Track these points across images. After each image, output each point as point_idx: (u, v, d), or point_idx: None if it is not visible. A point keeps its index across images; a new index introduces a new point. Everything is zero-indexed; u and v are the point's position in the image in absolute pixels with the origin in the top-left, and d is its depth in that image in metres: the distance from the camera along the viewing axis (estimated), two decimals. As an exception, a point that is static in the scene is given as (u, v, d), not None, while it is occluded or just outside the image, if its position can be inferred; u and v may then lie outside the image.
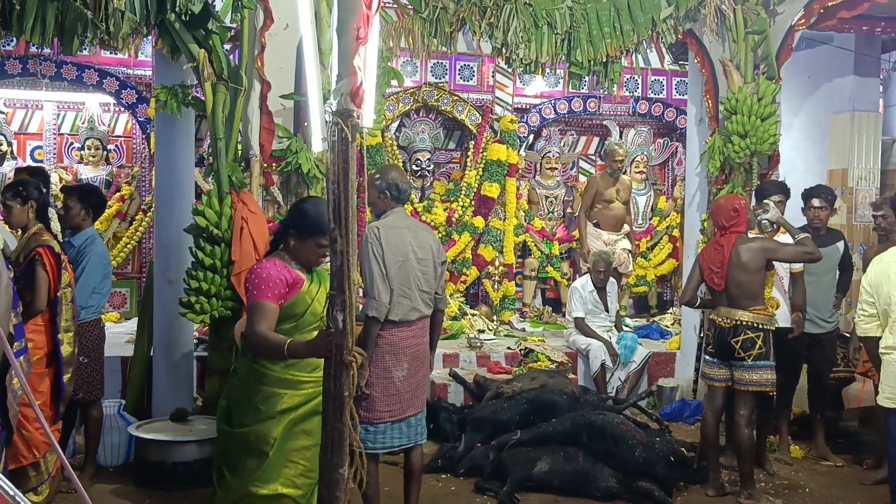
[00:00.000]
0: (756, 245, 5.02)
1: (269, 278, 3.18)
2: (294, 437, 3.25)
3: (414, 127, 9.00)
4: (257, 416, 3.24)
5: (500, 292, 8.99)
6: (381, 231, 4.17)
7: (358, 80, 2.75)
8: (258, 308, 3.15)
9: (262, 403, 3.24)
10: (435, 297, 4.34)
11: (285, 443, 3.23)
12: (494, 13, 5.89)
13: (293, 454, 3.25)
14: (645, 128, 9.71)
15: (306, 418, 3.27)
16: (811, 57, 7.93)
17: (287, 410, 3.23)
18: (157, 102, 5.29)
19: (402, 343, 4.13)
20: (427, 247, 4.31)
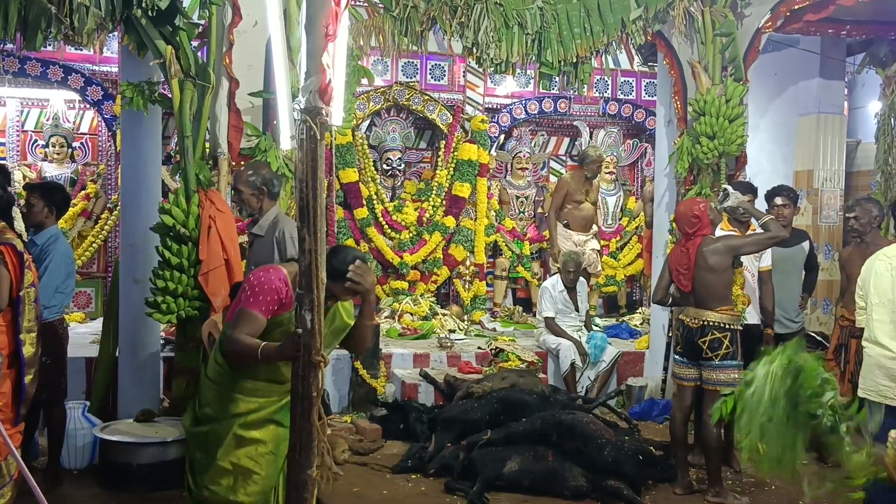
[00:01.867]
0: (720, 245, 5.07)
1: (269, 291, 3.14)
2: (244, 444, 3.20)
3: (384, 126, 8.97)
4: (212, 416, 3.23)
5: (470, 292, 8.99)
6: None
7: (327, 77, 2.73)
8: (247, 316, 3.12)
9: (218, 406, 3.22)
10: None
11: (231, 446, 3.19)
12: (465, 13, 5.90)
13: (244, 460, 3.19)
14: (615, 128, 9.78)
15: (258, 425, 3.22)
16: (778, 59, 8.03)
17: (238, 415, 3.20)
18: (123, 99, 5.22)
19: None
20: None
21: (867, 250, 5.52)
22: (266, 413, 3.21)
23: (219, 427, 3.20)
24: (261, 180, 4.33)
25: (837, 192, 8.21)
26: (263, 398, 3.21)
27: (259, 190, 4.33)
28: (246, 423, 3.19)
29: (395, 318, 8.15)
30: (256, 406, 3.20)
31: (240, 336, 3.09)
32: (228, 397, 3.20)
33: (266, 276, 3.18)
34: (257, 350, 3.02)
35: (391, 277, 8.81)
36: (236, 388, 3.20)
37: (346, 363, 6.71)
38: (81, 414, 5.36)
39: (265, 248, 4.41)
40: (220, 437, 3.19)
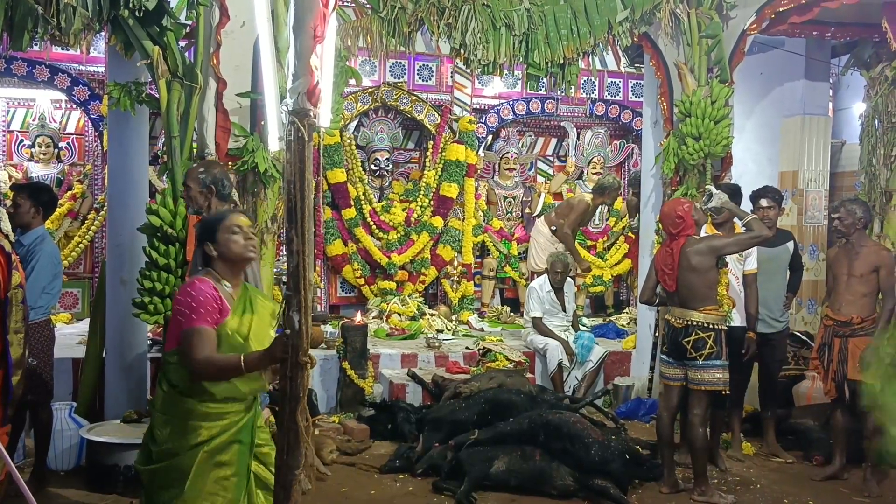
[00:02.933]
0: (703, 246, 5.10)
1: (205, 301, 2.96)
2: (210, 469, 3.01)
3: (372, 126, 8.98)
4: (171, 450, 3.01)
5: (458, 292, 9.00)
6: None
7: (314, 79, 2.74)
8: (197, 334, 2.92)
9: (176, 438, 3.01)
10: None
11: (200, 476, 2.99)
12: (453, 14, 5.91)
13: (211, 486, 3.01)
14: (602, 129, 9.82)
15: (223, 449, 3.04)
16: (763, 61, 8.08)
17: (201, 444, 2.99)
18: (110, 100, 5.20)
19: None
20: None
21: (852, 251, 5.58)
22: (229, 436, 3.03)
23: (182, 460, 2.99)
24: (210, 179, 4.23)
25: (822, 193, 8.27)
26: (224, 420, 3.03)
27: (208, 188, 4.24)
28: (211, 450, 3.00)
29: (382, 319, 8.16)
30: (219, 430, 3.02)
31: (206, 356, 2.90)
32: (186, 427, 2.99)
33: (194, 288, 3.00)
34: (239, 362, 2.86)
35: (379, 278, 8.81)
36: (192, 415, 2.99)
37: (334, 363, 6.72)
38: (68, 415, 5.35)
39: None
40: (187, 468, 2.97)
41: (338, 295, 8.98)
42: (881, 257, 5.57)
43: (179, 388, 3.02)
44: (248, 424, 3.11)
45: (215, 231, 3.11)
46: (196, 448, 2.99)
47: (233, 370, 2.90)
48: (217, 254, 3.10)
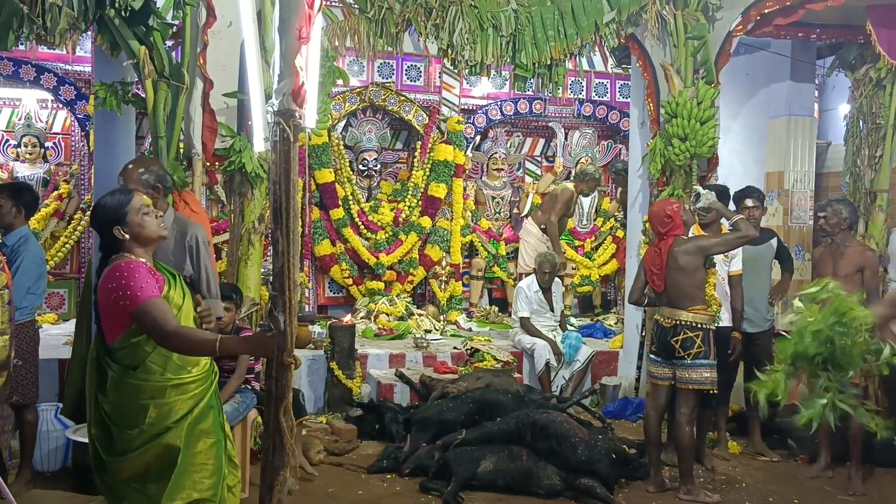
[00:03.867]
0: (691, 246, 5.13)
1: (142, 276, 2.87)
2: (196, 440, 2.97)
3: (360, 126, 8.98)
4: (151, 432, 2.91)
5: (446, 292, 9.01)
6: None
7: (300, 80, 2.75)
8: (155, 306, 2.81)
9: (151, 420, 2.91)
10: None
11: (189, 448, 2.95)
12: (440, 14, 5.92)
13: (198, 457, 2.97)
14: (589, 130, 9.85)
15: (203, 417, 2.99)
16: (749, 62, 8.13)
17: (185, 416, 2.94)
18: (97, 99, 5.19)
19: None
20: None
21: (837, 251, 5.62)
22: (206, 402, 2.99)
23: (168, 437, 2.92)
24: (154, 178, 4.07)
25: (808, 194, 8.32)
26: (197, 388, 2.97)
27: (154, 188, 4.07)
28: (194, 419, 2.95)
29: (370, 319, 8.16)
30: (195, 399, 2.96)
31: (174, 328, 2.80)
32: (165, 407, 2.91)
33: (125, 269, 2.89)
34: (215, 345, 2.78)
35: (367, 278, 8.81)
36: (167, 394, 2.91)
37: (321, 364, 6.71)
38: (54, 416, 5.32)
39: (168, 252, 4.06)
40: (176, 446, 2.91)
41: (326, 295, 8.97)
42: (866, 258, 5.62)
43: (147, 369, 2.92)
44: (215, 388, 3.09)
45: (124, 214, 2.98)
46: (181, 421, 2.93)
47: (207, 350, 2.82)
48: (130, 236, 2.98)
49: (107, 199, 3.04)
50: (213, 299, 4.08)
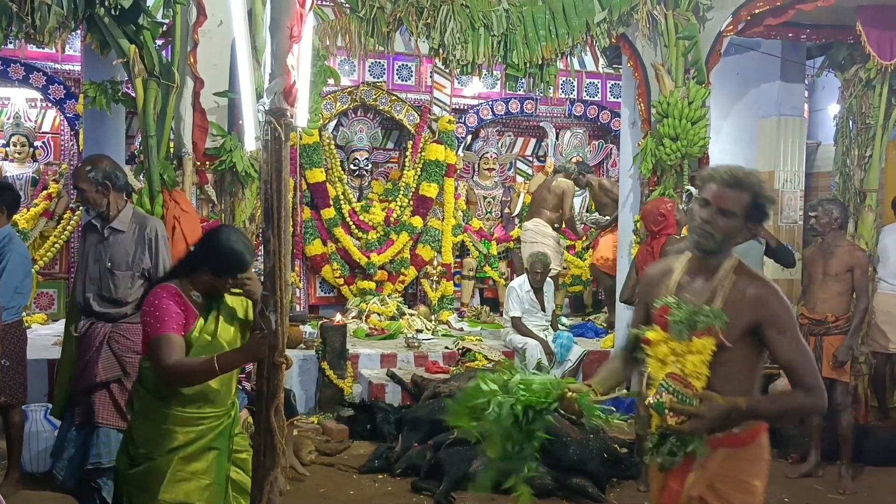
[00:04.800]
0: (684, 245, 5.12)
1: (168, 309, 2.93)
2: (185, 477, 2.98)
3: (352, 126, 8.96)
4: (147, 454, 2.99)
5: (438, 292, 9.01)
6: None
7: (291, 79, 2.73)
8: (165, 341, 2.88)
9: (152, 442, 2.99)
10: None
11: (173, 483, 2.96)
12: (431, 14, 5.91)
13: (186, 496, 2.97)
14: (581, 129, 9.86)
15: (198, 456, 3.01)
16: (739, 62, 8.15)
17: (176, 448, 2.97)
18: (86, 98, 5.16)
19: None
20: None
21: (828, 250, 5.65)
22: (205, 442, 3.01)
23: (157, 464, 2.97)
24: (102, 175, 4.04)
25: (798, 193, 8.35)
26: (200, 426, 3.01)
27: (103, 185, 4.06)
28: (186, 456, 2.97)
29: (362, 319, 8.14)
30: (195, 435, 2.99)
31: (175, 362, 2.86)
32: (162, 431, 2.98)
33: (158, 298, 2.96)
34: (213, 363, 2.82)
35: (358, 278, 8.80)
36: (169, 419, 2.98)
37: (312, 364, 6.70)
38: (43, 417, 5.29)
39: (127, 246, 4.15)
40: (160, 474, 2.96)
41: (317, 295, 8.95)
42: (856, 258, 5.64)
43: (154, 393, 3.02)
44: (225, 431, 3.09)
45: (228, 272, 3.00)
46: (171, 453, 2.97)
47: (206, 372, 2.86)
48: (207, 281, 3.01)
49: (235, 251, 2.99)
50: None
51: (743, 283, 2.51)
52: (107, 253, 4.14)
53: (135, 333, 4.00)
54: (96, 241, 4.18)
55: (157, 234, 4.17)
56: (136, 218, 4.21)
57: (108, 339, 4.12)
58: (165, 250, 4.18)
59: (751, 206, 2.52)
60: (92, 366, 4.09)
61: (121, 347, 4.11)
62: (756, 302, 2.48)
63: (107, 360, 4.09)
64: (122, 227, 4.15)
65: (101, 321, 4.16)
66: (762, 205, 2.54)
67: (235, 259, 2.98)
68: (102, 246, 4.16)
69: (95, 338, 4.13)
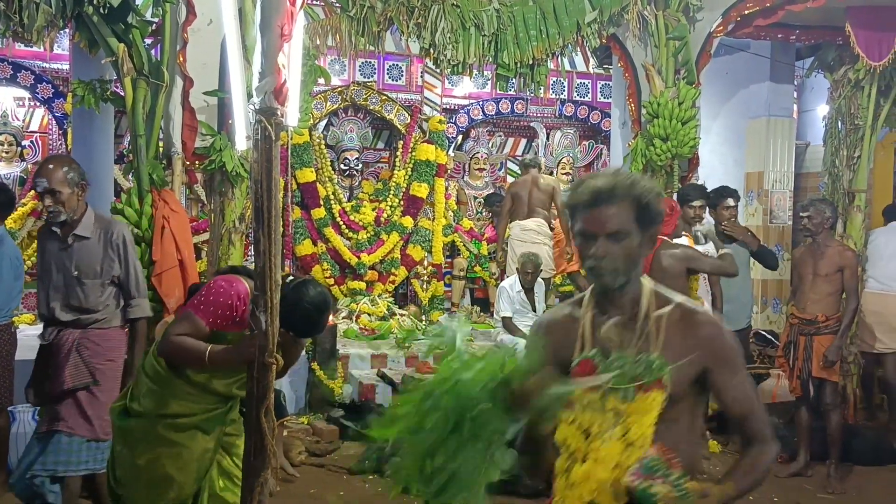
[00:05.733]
0: (679, 252, 5.15)
1: (222, 303, 2.98)
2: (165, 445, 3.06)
3: (342, 126, 8.94)
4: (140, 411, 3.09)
5: (428, 292, 9.00)
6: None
7: (282, 78, 2.72)
8: (189, 319, 2.98)
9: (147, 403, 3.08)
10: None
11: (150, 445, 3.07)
12: (422, 13, 5.90)
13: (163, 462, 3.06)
14: (571, 130, 9.87)
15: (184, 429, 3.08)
16: (729, 63, 8.18)
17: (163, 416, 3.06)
18: (75, 97, 5.13)
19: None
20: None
21: (818, 251, 5.67)
22: (195, 419, 3.07)
23: (144, 423, 3.07)
24: (79, 176, 3.81)
25: (787, 194, 8.39)
26: (195, 404, 3.08)
27: (80, 187, 3.82)
28: (172, 425, 3.05)
29: (352, 319, 8.12)
30: (187, 411, 3.06)
31: (178, 338, 2.95)
32: (160, 396, 3.06)
33: (227, 287, 3.01)
34: (204, 353, 2.89)
35: (349, 278, 8.78)
36: (170, 389, 3.06)
37: (302, 364, 6.67)
38: (31, 418, 5.25)
39: (93, 253, 3.92)
40: (144, 434, 3.06)
41: (307, 295, 8.91)
42: (845, 258, 5.67)
43: (154, 366, 3.10)
44: (219, 416, 3.13)
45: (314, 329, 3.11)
46: (159, 418, 3.05)
47: (196, 358, 2.93)
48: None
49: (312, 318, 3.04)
50: (141, 299, 4.03)
51: (677, 320, 2.06)
52: (72, 261, 3.90)
53: (106, 339, 3.90)
54: (58, 249, 3.93)
55: (124, 239, 3.96)
56: (99, 222, 3.97)
57: (78, 345, 3.90)
58: (134, 255, 4.00)
59: (637, 213, 2.02)
60: (59, 372, 3.87)
61: (90, 353, 3.90)
62: (703, 343, 2.05)
63: (75, 367, 3.87)
64: (87, 232, 3.91)
65: (70, 328, 3.94)
66: (647, 203, 2.02)
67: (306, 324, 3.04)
68: (66, 254, 3.92)
69: (64, 345, 3.92)
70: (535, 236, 8.29)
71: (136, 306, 4.02)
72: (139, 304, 4.02)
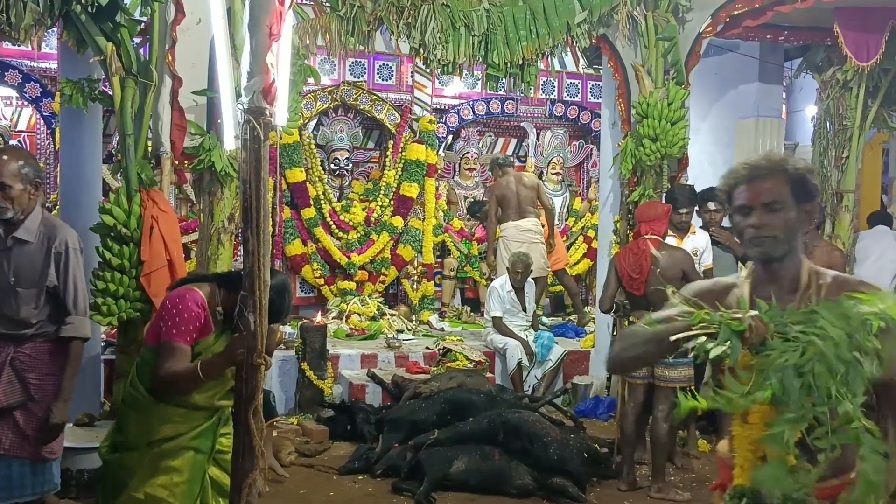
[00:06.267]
0: (679, 255, 5.17)
1: (189, 318, 2.96)
2: (156, 473, 3.00)
3: (332, 126, 8.93)
4: (128, 443, 3.05)
5: (418, 292, 9.00)
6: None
7: (270, 77, 2.71)
8: (172, 350, 2.93)
9: (133, 433, 3.04)
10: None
11: (144, 476, 3.00)
12: (412, 13, 5.90)
13: (157, 489, 2.99)
14: (561, 130, 9.88)
15: (174, 454, 3.02)
16: (718, 64, 8.21)
17: (154, 443, 3.00)
18: (62, 97, 5.10)
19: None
20: None
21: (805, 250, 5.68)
22: (184, 440, 3.02)
23: (134, 455, 3.01)
24: (34, 172, 3.49)
25: (776, 194, 8.42)
26: (182, 424, 3.02)
27: (33, 185, 3.49)
28: (162, 452, 3.00)
29: (342, 319, 8.11)
30: (174, 433, 3.01)
31: (168, 369, 2.91)
32: (145, 424, 3.00)
33: (187, 300, 2.98)
34: (196, 371, 2.88)
35: (339, 278, 8.77)
36: (153, 414, 3.00)
37: (292, 364, 6.66)
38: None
39: (34, 259, 3.53)
40: (135, 466, 3.00)
41: (297, 295, 8.90)
42: (833, 258, 5.68)
43: (146, 386, 3.03)
44: (208, 432, 3.08)
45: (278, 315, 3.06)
46: (150, 447, 3.01)
47: (192, 379, 2.92)
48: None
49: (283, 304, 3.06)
50: (79, 317, 3.57)
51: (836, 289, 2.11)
52: (10, 266, 3.51)
53: (43, 352, 3.56)
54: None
55: (67, 247, 3.54)
56: (44, 226, 3.57)
57: (11, 360, 3.53)
58: (77, 266, 3.58)
59: (793, 187, 2.15)
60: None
61: (25, 367, 3.54)
62: None
63: (8, 385, 3.52)
64: (29, 236, 3.52)
65: (2, 342, 3.54)
66: (802, 178, 2.16)
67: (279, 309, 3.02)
68: (4, 256, 3.52)
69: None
70: (533, 236, 8.25)
71: (71, 325, 3.56)
72: (75, 322, 3.57)
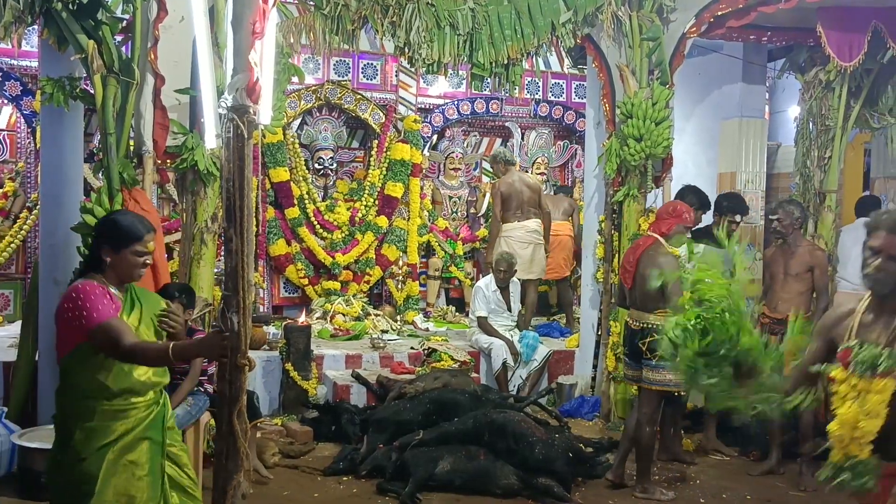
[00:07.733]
0: (671, 260, 5.17)
1: (98, 299, 2.86)
2: (121, 471, 2.92)
3: (316, 125, 8.89)
4: (78, 455, 2.90)
5: (403, 292, 8.97)
6: None
7: (254, 75, 2.69)
8: (111, 326, 2.82)
9: (82, 442, 2.90)
10: None
11: (111, 478, 2.90)
12: (396, 12, 5.88)
13: (124, 486, 2.92)
14: (546, 130, 9.89)
15: (131, 447, 2.94)
16: (702, 64, 8.24)
17: (108, 444, 2.90)
18: (43, 95, 5.05)
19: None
20: None
21: (788, 250, 5.72)
22: (138, 432, 2.94)
23: (87, 464, 2.88)
24: None
25: (759, 194, 8.45)
26: (130, 418, 2.94)
27: None
28: (119, 449, 2.91)
29: (326, 319, 8.08)
30: (125, 428, 2.93)
31: (132, 344, 2.81)
32: (91, 429, 2.90)
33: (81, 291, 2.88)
34: (167, 352, 2.78)
35: (323, 278, 8.73)
36: (97, 416, 2.90)
37: (276, 365, 6.63)
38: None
39: None
40: (92, 472, 2.87)
41: (281, 295, 8.86)
42: (816, 257, 5.73)
43: (82, 390, 2.92)
44: (157, 421, 3.02)
45: (122, 243, 2.97)
46: (102, 449, 2.89)
47: (161, 358, 2.84)
48: (111, 264, 2.97)
49: (125, 220, 3.03)
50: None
51: None
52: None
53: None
54: None
55: None
56: None
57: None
58: None
59: None
60: None
61: None
62: None
63: None
64: None
65: None
66: None
67: (125, 225, 2.99)
68: None
69: None
70: (538, 238, 8.24)
71: None
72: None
